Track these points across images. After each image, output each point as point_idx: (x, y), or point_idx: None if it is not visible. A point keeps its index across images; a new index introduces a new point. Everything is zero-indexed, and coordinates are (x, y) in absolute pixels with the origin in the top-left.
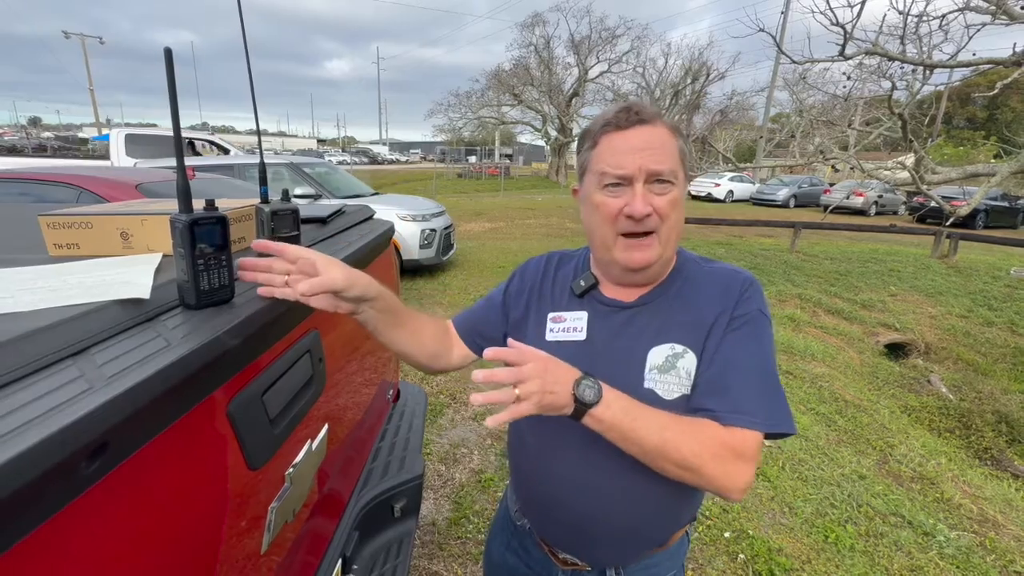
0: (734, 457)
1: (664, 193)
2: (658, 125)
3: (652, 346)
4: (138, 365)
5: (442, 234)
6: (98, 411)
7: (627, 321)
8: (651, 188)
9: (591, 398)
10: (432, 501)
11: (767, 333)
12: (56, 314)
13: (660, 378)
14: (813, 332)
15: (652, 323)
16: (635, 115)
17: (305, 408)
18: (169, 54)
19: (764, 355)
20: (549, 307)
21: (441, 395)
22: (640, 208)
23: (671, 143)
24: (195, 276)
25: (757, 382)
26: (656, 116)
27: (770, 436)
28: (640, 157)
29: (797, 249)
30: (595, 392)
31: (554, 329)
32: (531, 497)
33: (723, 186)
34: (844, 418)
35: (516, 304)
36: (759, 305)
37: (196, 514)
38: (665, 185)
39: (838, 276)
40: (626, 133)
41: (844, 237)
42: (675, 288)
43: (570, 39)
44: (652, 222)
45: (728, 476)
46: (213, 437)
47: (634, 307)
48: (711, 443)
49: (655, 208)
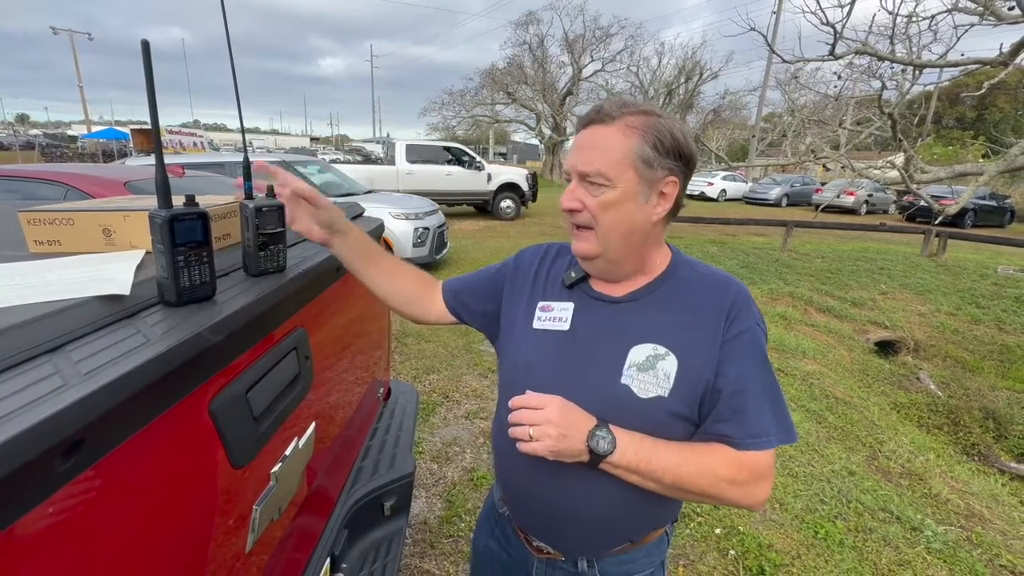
0: (754, 479)
1: (595, 195)
2: (613, 125)
3: (634, 344)
4: (115, 362)
5: (435, 232)
6: (72, 407)
7: (612, 316)
8: (587, 188)
9: (605, 448)
10: (424, 499)
11: (765, 347)
12: (32, 310)
13: (638, 376)
14: (804, 330)
15: (637, 320)
16: (595, 113)
17: (291, 406)
18: (146, 47)
19: (768, 371)
20: (540, 296)
21: (434, 393)
22: (564, 202)
23: (618, 145)
24: (175, 272)
25: (769, 404)
26: (619, 117)
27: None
28: (576, 156)
29: (789, 248)
30: (609, 442)
31: (541, 318)
32: (507, 483)
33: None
34: (834, 415)
35: (510, 287)
36: (755, 319)
37: (177, 513)
38: (596, 187)
39: (829, 274)
40: (583, 131)
41: (835, 236)
42: (664, 288)
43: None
44: (583, 218)
45: (748, 496)
46: (194, 435)
47: (621, 303)
48: (728, 471)
49: (586, 206)
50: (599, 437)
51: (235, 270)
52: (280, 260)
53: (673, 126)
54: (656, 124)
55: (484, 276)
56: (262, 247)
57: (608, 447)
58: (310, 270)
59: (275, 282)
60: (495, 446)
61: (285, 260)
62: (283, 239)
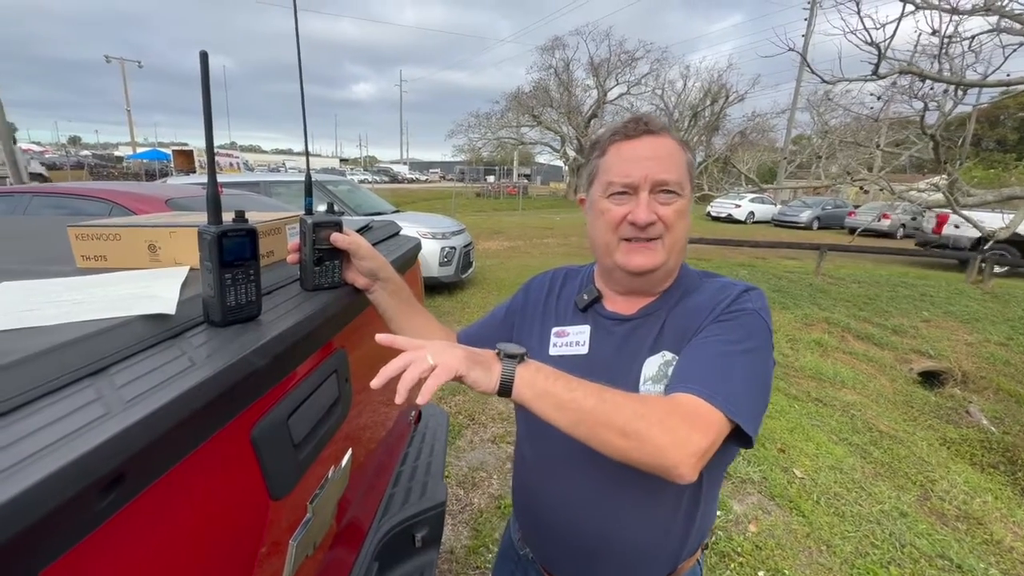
0: (681, 420)
1: (669, 203)
2: (665, 137)
3: (647, 357)
4: (159, 387)
5: (461, 252)
6: (114, 440)
7: (628, 334)
8: (656, 198)
9: (514, 350)
10: (450, 527)
11: (754, 330)
12: (78, 329)
13: (653, 388)
14: (842, 358)
15: (650, 335)
16: (644, 125)
17: (330, 432)
18: (205, 58)
19: (736, 341)
20: (553, 322)
21: (460, 415)
22: (643, 216)
23: (678, 155)
24: (222, 291)
25: (713, 360)
26: (664, 128)
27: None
28: (646, 166)
29: (823, 272)
30: (518, 351)
31: (557, 344)
32: (532, 519)
33: (744, 207)
34: (880, 449)
35: (521, 320)
36: (754, 305)
37: (213, 549)
38: (671, 195)
39: (867, 300)
40: (634, 143)
41: (870, 260)
42: (674, 299)
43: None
44: (656, 230)
45: (675, 440)
46: (234, 465)
47: (634, 320)
48: (657, 408)
49: (660, 216)
50: (508, 347)
51: (278, 288)
52: (336, 276)
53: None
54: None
55: (494, 321)
56: (318, 262)
57: (516, 350)
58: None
59: (319, 301)
60: (517, 482)
61: (341, 276)
62: (339, 255)
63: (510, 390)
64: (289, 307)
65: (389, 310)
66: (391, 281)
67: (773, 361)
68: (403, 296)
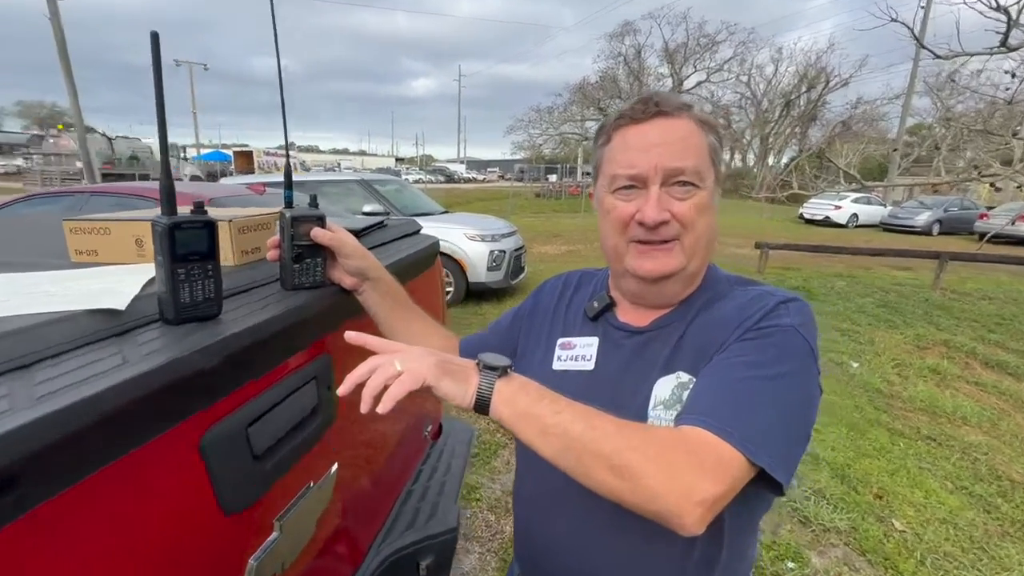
0: (685, 458)
1: (686, 197)
2: (682, 117)
3: (659, 377)
4: (76, 385)
5: (512, 256)
6: (5, 438)
7: (639, 349)
8: (670, 191)
9: (495, 361)
10: (477, 555)
11: (790, 350)
12: (18, 322)
13: (664, 415)
14: (965, 389)
15: (664, 351)
16: (654, 106)
17: (307, 444)
18: (156, 39)
19: (763, 364)
20: (560, 331)
21: (497, 433)
22: (652, 214)
23: (697, 138)
24: (175, 287)
25: (733, 387)
26: (683, 107)
27: (766, 483)
28: (655, 154)
29: (943, 285)
30: (501, 362)
31: (562, 357)
32: (529, 561)
33: (845, 208)
34: (1010, 504)
35: (528, 327)
36: (792, 320)
37: (147, 566)
38: (688, 188)
39: (1000, 321)
40: (643, 126)
41: (1005, 272)
42: (696, 310)
43: (664, 48)
44: (671, 230)
45: (676, 484)
46: (177, 475)
47: (647, 332)
48: (656, 440)
49: (675, 214)
50: (488, 359)
51: (257, 287)
52: (318, 275)
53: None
54: (709, 116)
55: (500, 328)
56: (297, 259)
57: (499, 362)
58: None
59: (294, 302)
60: (518, 518)
61: (324, 275)
62: (322, 252)
63: (487, 407)
64: (258, 307)
65: (380, 313)
66: (382, 281)
67: (819, 389)
68: (397, 298)
